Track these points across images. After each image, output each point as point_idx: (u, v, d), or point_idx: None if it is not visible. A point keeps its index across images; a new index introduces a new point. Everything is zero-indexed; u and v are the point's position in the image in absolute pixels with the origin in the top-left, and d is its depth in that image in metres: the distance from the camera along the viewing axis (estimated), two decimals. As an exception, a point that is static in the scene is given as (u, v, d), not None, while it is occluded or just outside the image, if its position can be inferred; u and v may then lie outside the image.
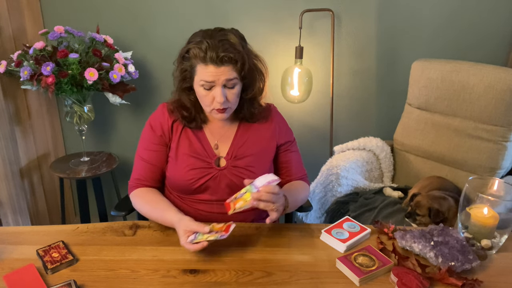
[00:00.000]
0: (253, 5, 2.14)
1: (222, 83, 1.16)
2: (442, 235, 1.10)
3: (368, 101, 2.32)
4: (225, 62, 1.13)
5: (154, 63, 2.25)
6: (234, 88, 1.19)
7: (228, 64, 1.14)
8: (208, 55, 1.12)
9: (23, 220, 2.13)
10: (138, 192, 1.30)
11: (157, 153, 1.30)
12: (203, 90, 1.18)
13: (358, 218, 1.76)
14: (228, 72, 1.15)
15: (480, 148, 1.84)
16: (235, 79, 1.17)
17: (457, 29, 2.13)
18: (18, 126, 2.08)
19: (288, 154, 1.38)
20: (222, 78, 1.15)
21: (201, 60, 1.14)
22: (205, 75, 1.15)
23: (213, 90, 1.18)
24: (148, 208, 1.26)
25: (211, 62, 1.13)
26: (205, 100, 1.21)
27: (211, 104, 1.20)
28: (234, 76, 1.16)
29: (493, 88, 1.76)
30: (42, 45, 1.84)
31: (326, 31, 2.15)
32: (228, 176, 1.28)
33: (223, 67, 1.13)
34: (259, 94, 1.30)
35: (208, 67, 1.14)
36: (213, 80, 1.15)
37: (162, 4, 2.15)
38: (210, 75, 1.14)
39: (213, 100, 1.19)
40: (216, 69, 1.13)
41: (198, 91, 1.21)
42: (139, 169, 1.32)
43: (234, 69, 1.15)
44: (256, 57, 1.26)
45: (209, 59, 1.12)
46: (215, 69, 1.13)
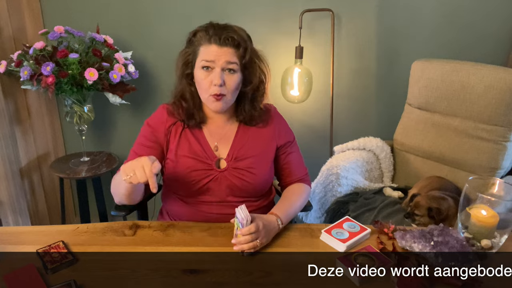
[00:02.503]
0: (253, 5, 2.14)
1: (221, 65, 1.18)
2: (442, 235, 1.10)
3: (368, 101, 2.32)
4: (228, 44, 1.18)
5: (154, 63, 2.25)
6: (234, 75, 1.20)
7: (231, 46, 1.18)
8: (212, 36, 1.18)
9: (23, 220, 2.13)
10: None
11: (150, 149, 1.29)
12: (203, 72, 1.20)
13: (358, 218, 1.76)
14: (229, 54, 1.18)
15: (480, 148, 1.84)
16: (234, 64, 1.19)
17: (457, 29, 2.13)
18: (18, 126, 2.08)
19: (289, 155, 1.38)
20: (223, 59, 1.17)
21: (205, 40, 1.19)
22: (206, 54, 1.18)
23: (212, 73, 1.19)
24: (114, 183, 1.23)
25: (214, 42, 1.18)
26: (203, 84, 1.21)
27: (209, 88, 1.20)
28: (234, 60, 1.19)
29: (493, 88, 1.76)
30: (42, 45, 1.84)
31: (326, 31, 2.15)
32: (228, 177, 1.27)
33: (225, 47, 1.18)
34: (260, 95, 1.30)
35: (211, 46, 1.18)
36: (213, 59, 1.18)
37: (162, 4, 2.15)
38: (211, 54, 1.18)
39: (211, 84, 1.19)
40: (218, 49, 1.17)
41: (197, 75, 1.22)
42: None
43: (235, 54, 1.19)
44: (260, 57, 1.28)
45: (212, 39, 1.18)
46: (217, 48, 1.17)
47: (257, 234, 1.10)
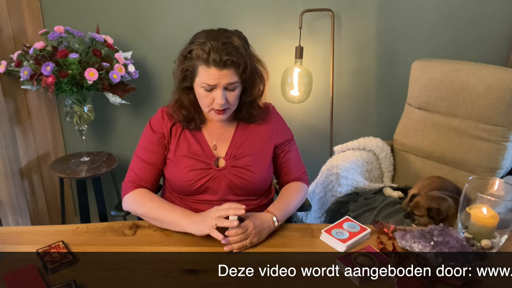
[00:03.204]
0: (253, 5, 2.14)
1: (223, 86, 1.16)
2: (442, 235, 1.10)
3: (368, 101, 2.32)
4: (227, 66, 1.13)
5: (154, 63, 2.25)
6: (235, 90, 1.20)
7: (231, 68, 1.14)
8: (211, 57, 1.12)
9: (23, 220, 2.13)
10: (137, 193, 1.28)
11: (157, 154, 1.30)
12: (204, 91, 1.19)
13: (358, 218, 1.76)
14: (230, 75, 1.15)
15: (480, 148, 1.84)
16: (236, 83, 1.18)
17: (457, 29, 2.13)
18: (18, 126, 2.08)
19: (287, 154, 1.38)
20: (224, 82, 1.15)
21: (203, 61, 1.14)
22: (207, 78, 1.15)
23: (214, 92, 1.18)
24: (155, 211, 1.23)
25: (214, 65, 1.13)
26: (204, 101, 1.21)
27: (211, 105, 1.21)
28: (235, 80, 1.17)
29: (493, 88, 1.76)
30: (42, 45, 1.84)
31: (326, 31, 2.15)
32: (227, 176, 1.28)
33: (225, 70, 1.14)
34: (258, 97, 1.30)
35: (211, 70, 1.14)
36: (215, 83, 1.15)
37: (162, 4, 2.15)
38: (212, 78, 1.15)
39: (212, 101, 1.19)
40: (219, 72, 1.14)
41: (198, 92, 1.21)
42: (137, 169, 1.31)
43: (236, 73, 1.16)
44: (258, 61, 1.26)
45: (212, 62, 1.13)
46: (217, 71, 1.14)
47: (247, 234, 1.12)
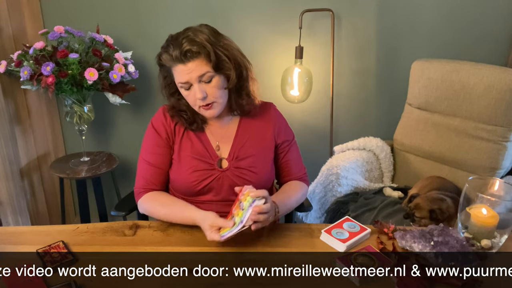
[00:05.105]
0: (253, 5, 2.14)
1: (196, 80, 1.16)
2: (442, 235, 1.10)
3: (368, 101, 2.32)
4: (189, 58, 1.13)
5: (154, 63, 2.20)
6: (212, 81, 1.18)
7: (194, 59, 1.13)
8: (173, 55, 1.14)
9: (23, 220, 2.13)
10: (149, 196, 1.29)
11: (164, 156, 1.30)
12: (184, 90, 1.20)
13: (358, 218, 1.76)
14: (197, 67, 1.14)
15: (480, 148, 1.84)
16: (208, 73, 1.16)
17: (457, 29, 2.13)
18: (18, 126, 2.08)
19: (287, 154, 1.38)
20: (194, 75, 1.15)
21: (171, 62, 1.16)
22: (178, 76, 1.17)
23: (192, 90, 1.19)
24: (167, 210, 1.24)
25: (178, 61, 1.14)
26: (190, 100, 1.22)
27: (195, 102, 1.21)
28: (206, 71, 1.15)
29: (493, 88, 1.76)
30: (42, 45, 1.84)
31: (326, 31, 2.15)
32: (230, 177, 1.28)
33: (190, 63, 1.14)
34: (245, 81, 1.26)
35: (178, 67, 1.15)
36: (186, 80, 1.16)
37: (162, 4, 2.15)
38: (181, 75, 1.16)
39: (195, 98, 1.19)
40: (184, 67, 1.14)
41: (182, 93, 1.22)
42: (146, 173, 1.30)
43: (202, 63, 1.14)
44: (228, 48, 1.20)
45: (175, 59, 1.14)
46: (183, 66, 1.14)
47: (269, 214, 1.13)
